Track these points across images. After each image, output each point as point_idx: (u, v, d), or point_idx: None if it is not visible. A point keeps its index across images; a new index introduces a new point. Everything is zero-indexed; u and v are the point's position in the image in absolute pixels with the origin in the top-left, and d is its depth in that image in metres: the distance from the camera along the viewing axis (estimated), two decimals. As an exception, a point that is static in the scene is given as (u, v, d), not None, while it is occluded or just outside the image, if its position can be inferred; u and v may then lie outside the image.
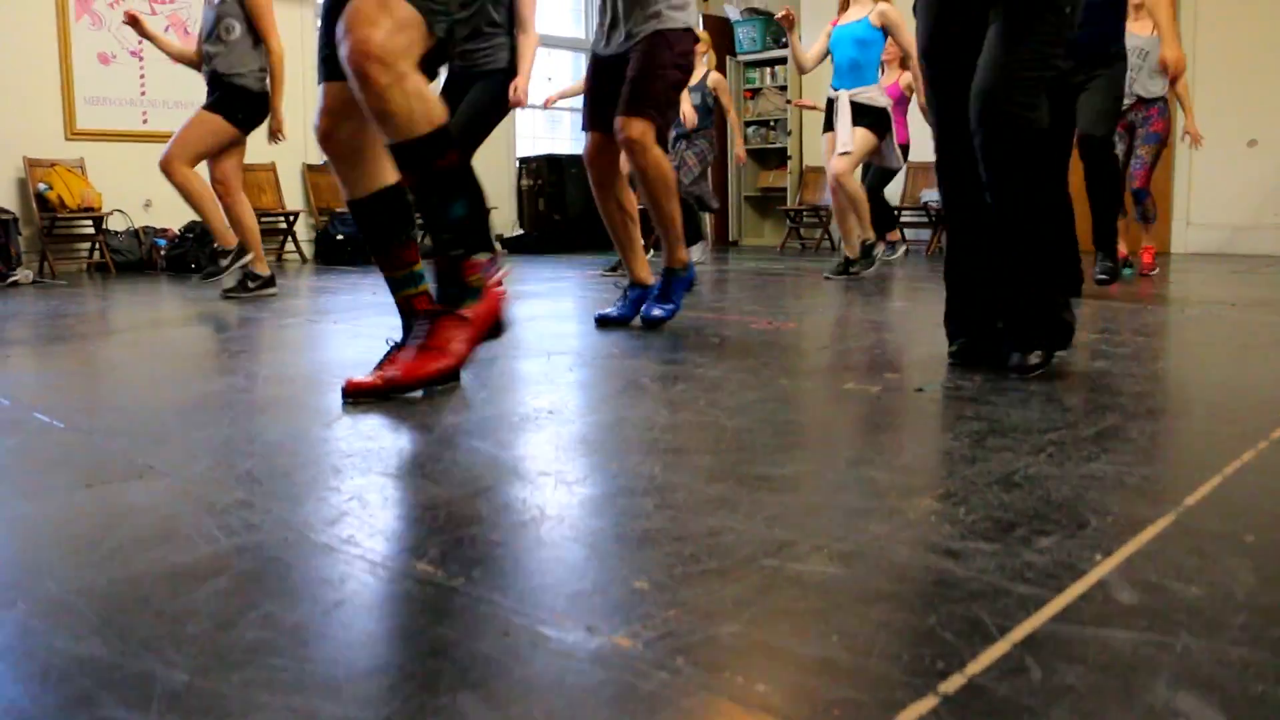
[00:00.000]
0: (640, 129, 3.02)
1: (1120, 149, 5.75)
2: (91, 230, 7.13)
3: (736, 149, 7.17)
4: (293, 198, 8.27)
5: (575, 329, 3.32)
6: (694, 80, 6.85)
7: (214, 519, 1.30)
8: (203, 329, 3.70)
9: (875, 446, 1.69)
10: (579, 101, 3.51)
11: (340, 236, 7.74)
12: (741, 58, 10.83)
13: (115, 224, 7.29)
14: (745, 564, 1.10)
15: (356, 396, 2.06)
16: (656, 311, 3.22)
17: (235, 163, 4.68)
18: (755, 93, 10.89)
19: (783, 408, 1.99)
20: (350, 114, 2.00)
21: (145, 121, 7.62)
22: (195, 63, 4.82)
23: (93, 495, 1.44)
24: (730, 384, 2.24)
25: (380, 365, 2.12)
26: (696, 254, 7.19)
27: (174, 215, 7.42)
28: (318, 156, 7.95)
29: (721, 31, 10.81)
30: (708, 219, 8.18)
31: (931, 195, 8.46)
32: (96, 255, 7.15)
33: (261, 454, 1.67)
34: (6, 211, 6.55)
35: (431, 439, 1.77)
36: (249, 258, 4.68)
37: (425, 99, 1.87)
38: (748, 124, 10.82)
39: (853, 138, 5.07)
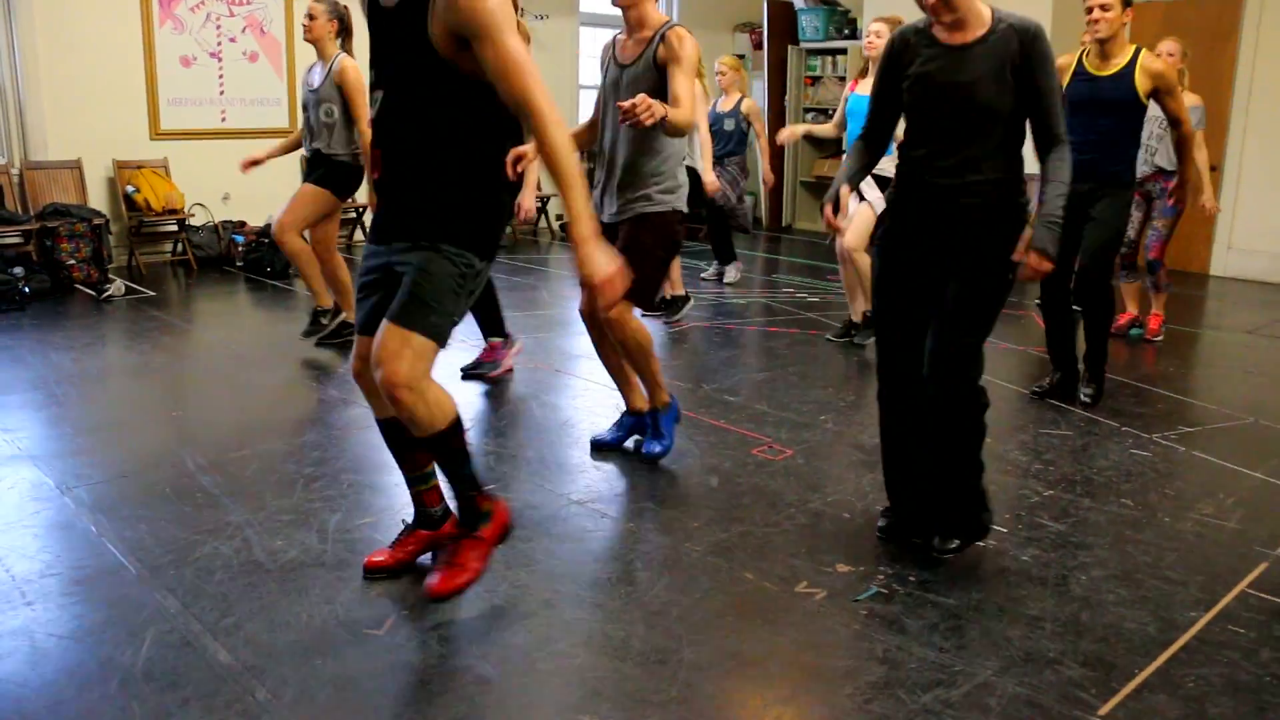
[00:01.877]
0: (620, 308, 3.44)
1: (1137, 217, 6.03)
2: (175, 229, 7.74)
3: (764, 172, 7.41)
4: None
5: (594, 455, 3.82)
6: (728, 106, 7.17)
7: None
8: (279, 424, 4.29)
9: (779, 710, 2.21)
10: None
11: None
12: (804, 45, 10.98)
13: (196, 219, 7.88)
14: None
15: (376, 574, 2.69)
16: (655, 448, 3.69)
17: (333, 228, 5.22)
18: (815, 80, 11.06)
19: (734, 632, 2.50)
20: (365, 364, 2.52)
21: (224, 119, 8.16)
22: (297, 145, 5.28)
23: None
24: (701, 582, 2.76)
25: (396, 542, 2.78)
26: (731, 274, 7.61)
27: (251, 208, 8.03)
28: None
29: (786, 18, 10.98)
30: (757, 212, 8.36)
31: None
32: (180, 250, 7.78)
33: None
34: (100, 215, 7.17)
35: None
36: (344, 316, 5.27)
37: (442, 404, 2.40)
38: (806, 110, 11.02)
39: (858, 212, 5.37)
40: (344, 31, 4.99)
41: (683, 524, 3.15)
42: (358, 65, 4.83)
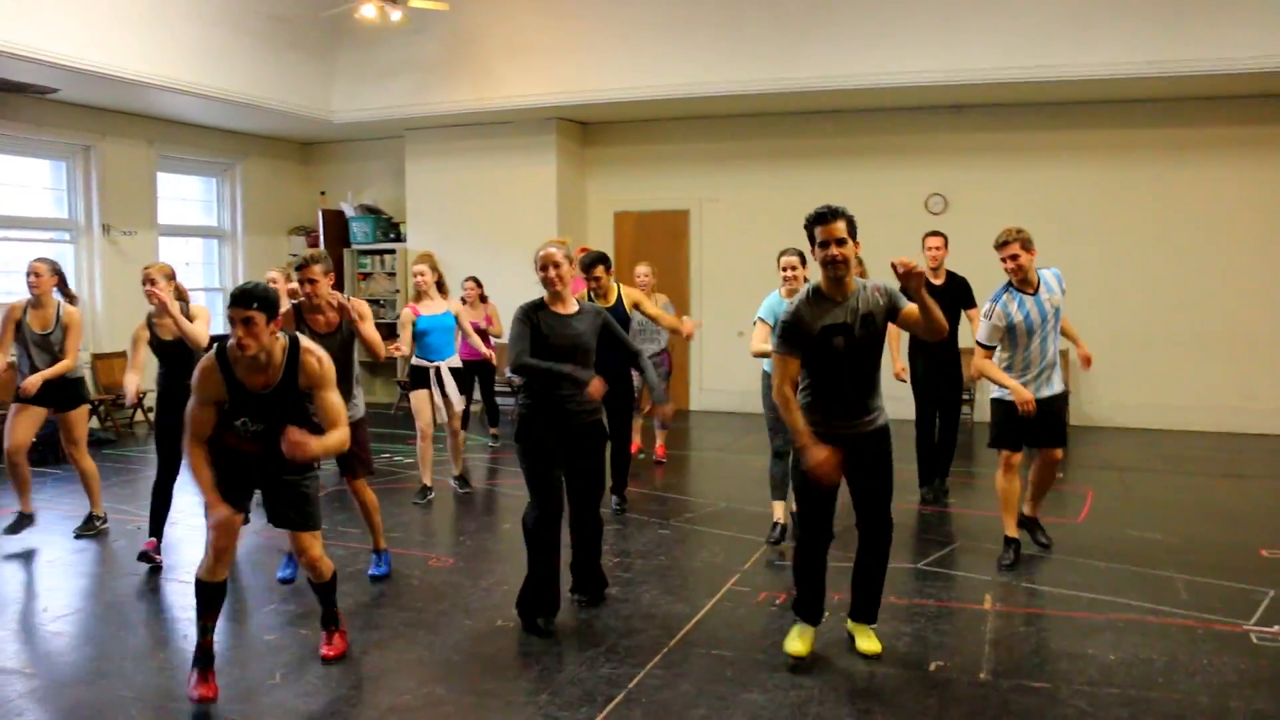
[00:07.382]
0: (359, 482, 5.21)
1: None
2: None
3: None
4: None
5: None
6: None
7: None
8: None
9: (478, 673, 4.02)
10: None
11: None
12: (356, 247, 12.85)
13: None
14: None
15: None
16: (378, 571, 5.30)
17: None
18: (367, 276, 12.95)
19: (422, 651, 4.25)
20: (233, 540, 3.94)
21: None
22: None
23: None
24: (403, 633, 4.46)
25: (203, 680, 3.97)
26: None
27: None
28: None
29: (338, 224, 12.82)
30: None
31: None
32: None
33: None
34: None
35: None
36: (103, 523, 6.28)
37: (329, 565, 4.11)
38: (368, 299, 12.85)
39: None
40: (63, 283, 6.12)
41: (394, 601, 4.88)
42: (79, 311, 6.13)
